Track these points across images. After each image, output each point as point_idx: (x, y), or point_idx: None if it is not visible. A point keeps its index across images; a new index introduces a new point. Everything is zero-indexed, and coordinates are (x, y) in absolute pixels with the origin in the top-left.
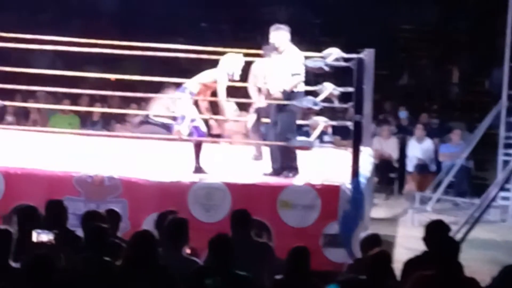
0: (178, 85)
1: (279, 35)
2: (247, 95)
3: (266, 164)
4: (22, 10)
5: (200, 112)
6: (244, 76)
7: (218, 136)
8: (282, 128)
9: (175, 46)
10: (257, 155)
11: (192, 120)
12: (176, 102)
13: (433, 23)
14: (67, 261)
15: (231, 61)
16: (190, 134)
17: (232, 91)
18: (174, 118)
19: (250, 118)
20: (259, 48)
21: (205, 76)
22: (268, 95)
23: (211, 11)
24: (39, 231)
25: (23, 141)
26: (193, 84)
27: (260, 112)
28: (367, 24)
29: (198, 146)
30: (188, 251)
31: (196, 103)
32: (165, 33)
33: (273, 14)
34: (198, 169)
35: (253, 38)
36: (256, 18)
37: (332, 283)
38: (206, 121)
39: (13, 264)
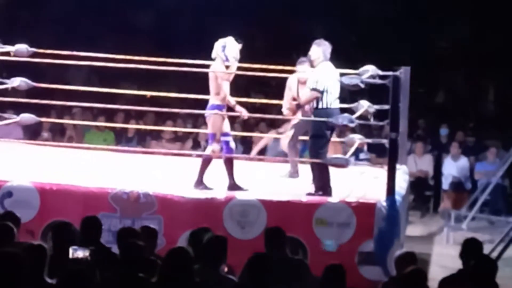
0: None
1: (317, 50)
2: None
3: (303, 181)
4: (58, 27)
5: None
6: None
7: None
8: (312, 145)
9: (210, 63)
10: (292, 172)
11: (224, 135)
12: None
13: (468, 40)
14: (102, 277)
15: (219, 46)
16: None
17: (268, 108)
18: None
19: (288, 134)
20: (294, 65)
21: (212, 81)
22: (303, 110)
23: (246, 27)
24: (75, 247)
25: (59, 157)
26: (214, 97)
27: (296, 128)
28: (403, 41)
29: (229, 163)
30: (225, 269)
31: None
32: (200, 50)
33: (309, 31)
34: (233, 186)
35: (288, 55)
36: (291, 35)
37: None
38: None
39: (49, 280)
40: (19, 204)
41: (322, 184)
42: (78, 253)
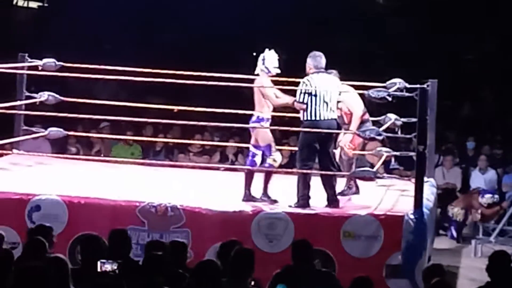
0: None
1: (308, 61)
2: None
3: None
4: (85, 42)
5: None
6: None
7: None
8: (298, 156)
9: (237, 76)
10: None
11: (256, 147)
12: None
13: (495, 53)
14: None
15: (263, 59)
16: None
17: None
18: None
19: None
20: None
21: (256, 94)
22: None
23: (272, 41)
24: (104, 260)
25: (87, 171)
26: (258, 110)
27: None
28: (430, 54)
29: (250, 175)
30: (251, 282)
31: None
32: (226, 63)
33: (334, 45)
34: (249, 198)
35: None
36: (317, 49)
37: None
38: None
39: None
40: (47, 218)
41: (302, 195)
42: (106, 266)
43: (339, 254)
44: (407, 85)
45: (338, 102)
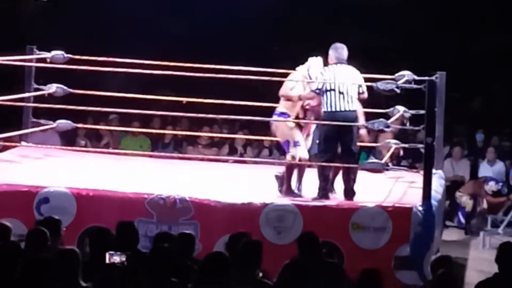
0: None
1: (330, 53)
2: None
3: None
4: (93, 34)
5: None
6: None
7: None
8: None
9: (247, 69)
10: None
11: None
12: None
13: (504, 46)
14: (137, 283)
15: (305, 69)
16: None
17: None
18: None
19: None
20: None
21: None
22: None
23: (282, 33)
24: (112, 252)
25: (95, 163)
26: (281, 105)
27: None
28: (439, 46)
29: (289, 170)
30: (259, 274)
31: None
32: (235, 56)
33: (344, 37)
34: (288, 191)
35: (324, 61)
36: (327, 41)
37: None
38: None
39: (84, 284)
40: (56, 210)
41: (321, 187)
42: (115, 258)
43: (348, 246)
44: (416, 77)
45: (360, 94)
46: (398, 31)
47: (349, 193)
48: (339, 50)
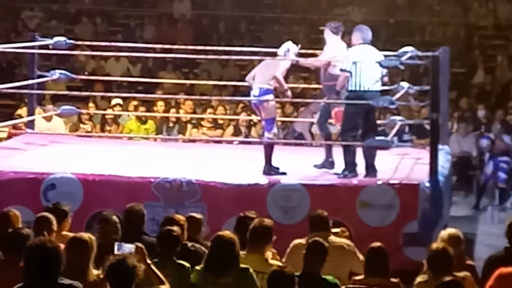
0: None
1: (355, 34)
2: None
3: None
4: (96, 19)
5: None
6: None
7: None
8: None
9: (249, 49)
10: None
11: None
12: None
13: (508, 20)
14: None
15: (282, 51)
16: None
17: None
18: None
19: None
20: None
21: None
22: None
23: (284, 14)
24: (120, 243)
25: (100, 148)
26: (264, 82)
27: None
28: (441, 22)
29: (269, 148)
30: (270, 254)
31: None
32: (237, 37)
33: (346, 15)
34: (270, 169)
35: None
36: (329, 20)
37: None
38: None
39: (94, 271)
40: (63, 196)
41: (349, 162)
42: (124, 249)
43: (356, 224)
44: (419, 53)
45: (384, 76)
46: (399, 7)
47: (371, 169)
48: (365, 31)
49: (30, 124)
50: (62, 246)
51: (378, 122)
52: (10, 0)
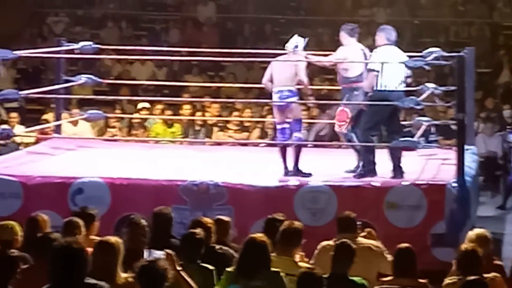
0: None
1: (379, 35)
2: None
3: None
4: (121, 24)
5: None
6: None
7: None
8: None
9: (275, 52)
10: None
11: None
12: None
13: None
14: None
15: (292, 46)
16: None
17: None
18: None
19: None
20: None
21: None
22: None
23: (309, 16)
24: (150, 250)
25: (127, 152)
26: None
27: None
28: (466, 22)
29: (297, 150)
30: (298, 256)
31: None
32: (262, 39)
33: (371, 17)
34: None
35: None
36: (353, 21)
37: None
38: None
39: (122, 274)
40: (90, 200)
41: (368, 162)
42: (154, 256)
43: (383, 225)
44: (444, 54)
45: (408, 77)
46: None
47: (398, 170)
48: (389, 31)
49: (57, 129)
50: (90, 250)
51: (404, 123)
52: (36, 6)
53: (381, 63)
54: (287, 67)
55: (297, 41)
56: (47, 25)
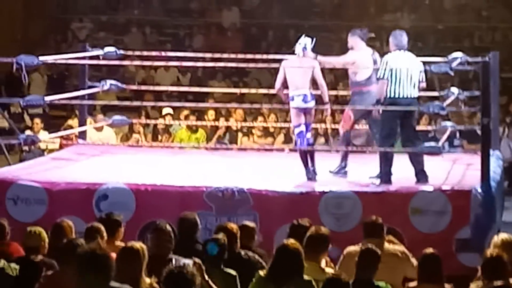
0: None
1: (390, 40)
2: None
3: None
4: (145, 29)
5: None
6: None
7: None
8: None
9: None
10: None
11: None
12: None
13: None
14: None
15: (300, 47)
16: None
17: None
18: None
19: None
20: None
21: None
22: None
23: (333, 21)
24: (177, 257)
25: (151, 158)
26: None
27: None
28: (490, 27)
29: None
30: (324, 263)
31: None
32: (286, 44)
33: (395, 21)
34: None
35: (373, 46)
36: (377, 26)
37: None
38: None
39: (147, 280)
40: (115, 206)
41: (385, 172)
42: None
43: (408, 230)
44: (469, 59)
45: (420, 82)
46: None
47: (422, 175)
48: (399, 37)
49: (82, 135)
50: (115, 255)
51: (429, 128)
52: (60, 12)
53: (390, 70)
54: (304, 70)
55: (305, 42)
56: (71, 31)
